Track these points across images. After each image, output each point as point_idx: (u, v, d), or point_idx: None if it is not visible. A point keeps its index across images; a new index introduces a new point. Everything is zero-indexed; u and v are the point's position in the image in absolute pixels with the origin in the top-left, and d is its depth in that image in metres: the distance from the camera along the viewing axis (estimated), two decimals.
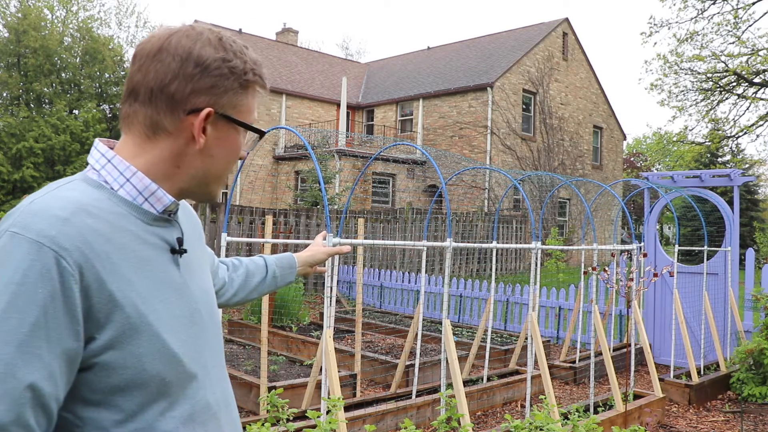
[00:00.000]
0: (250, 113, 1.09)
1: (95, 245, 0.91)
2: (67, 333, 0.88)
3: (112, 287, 0.92)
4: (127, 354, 0.93)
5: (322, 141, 20.24)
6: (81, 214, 0.92)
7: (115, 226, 0.96)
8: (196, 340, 1.06)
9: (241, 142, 1.09)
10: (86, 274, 0.89)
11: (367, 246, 4.33)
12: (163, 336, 0.97)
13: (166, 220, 1.06)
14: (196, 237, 1.21)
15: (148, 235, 1.01)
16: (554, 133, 23.20)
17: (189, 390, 1.03)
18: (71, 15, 29.04)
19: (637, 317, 5.54)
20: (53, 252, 0.87)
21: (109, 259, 0.93)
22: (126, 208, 1.00)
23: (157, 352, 0.96)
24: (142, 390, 0.96)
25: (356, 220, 12.50)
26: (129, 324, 0.93)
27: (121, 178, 1.01)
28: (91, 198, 0.96)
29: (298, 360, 6.16)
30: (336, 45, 72.41)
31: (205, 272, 1.19)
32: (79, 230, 0.90)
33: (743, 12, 18.94)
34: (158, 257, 1.02)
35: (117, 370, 0.93)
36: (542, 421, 3.56)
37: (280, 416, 3.70)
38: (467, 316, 9.42)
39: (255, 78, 1.07)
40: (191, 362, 1.03)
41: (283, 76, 24.10)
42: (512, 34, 25.57)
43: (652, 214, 7.54)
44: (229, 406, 1.15)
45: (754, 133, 20.66)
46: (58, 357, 0.87)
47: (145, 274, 0.98)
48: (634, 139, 50.82)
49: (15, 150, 22.76)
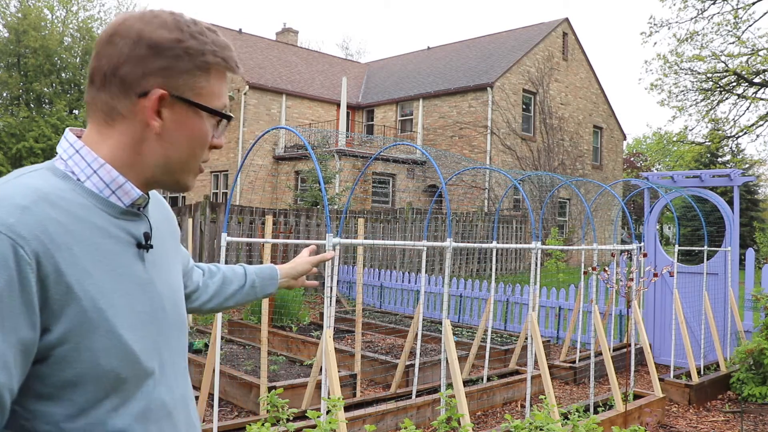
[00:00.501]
0: (215, 97, 1.05)
1: (55, 235, 0.89)
2: (23, 322, 0.85)
3: (71, 279, 0.90)
4: (81, 348, 0.91)
5: (322, 141, 20.24)
6: (42, 203, 0.90)
7: (78, 218, 0.94)
8: (155, 337, 1.03)
9: (204, 127, 1.05)
10: (44, 263, 0.87)
11: (367, 246, 4.33)
12: (120, 332, 0.95)
13: (134, 214, 1.04)
14: (169, 233, 1.19)
15: (114, 229, 0.99)
16: (554, 133, 23.21)
17: (144, 387, 1.01)
18: (71, 15, 29.04)
19: (637, 317, 5.54)
20: (10, 240, 0.84)
21: (69, 250, 0.90)
22: (91, 200, 0.97)
23: (113, 347, 0.94)
24: (95, 385, 0.93)
25: (356, 220, 12.50)
26: (85, 318, 0.91)
27: (88, 170, 0.99)
28: (54, 188, 0.94)
29: (298, 360, 6.16)
30: (336, 45, 72.49)
31: (174, 270, 1.17)
32: (38, 219, 0.88)
33: (743, 12, 18.95)
34: (123, 251, 1.00)
35: (71, 364, 0.91)
36: (542, 421, 3.56)
37: (280, 416, 3.70)
38: (467, 316, 9.42)
39: (216, 60, 1.03)
40: (148, 359, 1.01)
41: (283, 76, 24.10)
42: (512, 34, 25.58)
43: (652, 214, 7.54)
44: (187, 407, 1.12)
45: (754, 133, 20.67)
46: (12, 347, 0.84)
47: (106, 267, 0.96)
48: (634, 139, 50.86)
49: (15, 150, 22.76)
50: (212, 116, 1.05)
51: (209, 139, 1.06)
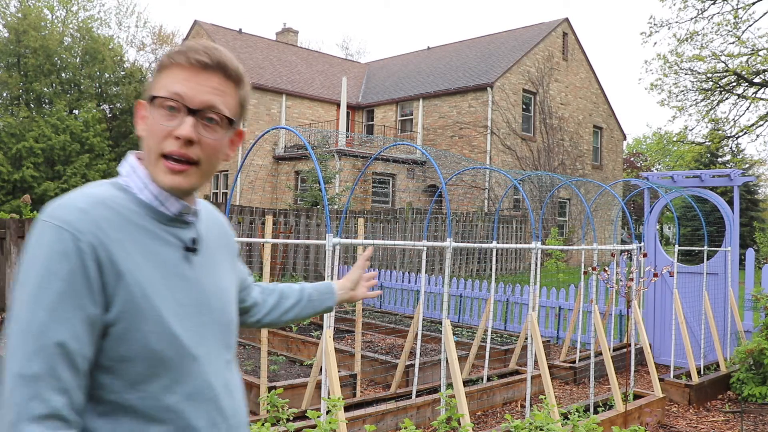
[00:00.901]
0: (161, 88, 1.15)
1: (108, 231, 1.07)
2: (88, 301, 1.03)
3: (122, 267, 1.07)
4: (132, 328, 1.07)
5: (322, 141, 20.23)
6: (98, 206, 1.09)
7: (129, 220, 1.12)
8: (201, 328, 1.17)
9: (151, 116, 1.16)
10: (99, 252, 1.05)
11: (367, 246, 4.33)
12: (165, 318, 1.10)
13: (183, 222, 1.20)
14: (222, 246, 1.34)
15: (163, 233, 1.16)
16: (554, 133, 23.20)
17: (191, 370, 1.14)
18: (71, 15, 29.04)
19: (637, 317, 5.54)
20: (71, 234, 1.04)
21: (121, 244, 1.08)
22: (144, 209, 1.15)
23: (159, 331, 1.09)
24: (145, 363, 1.08)
25: (356, 220, 12.50)
26: (135, 302, 1.07)
27: (140, 184, 1.17)
28: (112, 196, 1.13)
29: (298, 360, 6.16)
30: (336, 45, 72.40)
31: (225, 277, 1.30)
32: (94, 218, 1.07)
33: (743, 12, 18.94)
34: (171, 252, 1.16)
35: (125, 342, 1.07)
36: (542, 421, 3.56)
37: (280, 416, 3.70)
38: (467, 316, 9.42)
39: (168, 60, 1.17)
40: (193, 346, 1.15)
41: (283, 76, 24.10)
42: (512, 34, 25.57)
43: (652, 214, 7.54)
44: (232, 395, 1.24)
45: (754, 133, 20.66)
46: (81, 321, 1.02)
47: (154, 263, 1.12)
48: (634, 139, 50.85)
49: (15, 150, 22.75)
50: (157, 106, 1.15)
51: (156, 127, 1.15)
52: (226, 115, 1.17)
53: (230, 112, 1.19)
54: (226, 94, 1.17)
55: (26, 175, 22.62)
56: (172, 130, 1.13)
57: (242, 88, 1.22)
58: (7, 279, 7.23)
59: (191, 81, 1.14)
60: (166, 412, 1.11)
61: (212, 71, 1.15)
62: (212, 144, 1.17)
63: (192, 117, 1.14)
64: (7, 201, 21.99)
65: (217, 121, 1.16)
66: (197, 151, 1.15)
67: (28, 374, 0.98)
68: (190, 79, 1.14)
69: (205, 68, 1.15)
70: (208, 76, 1.15)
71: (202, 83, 1.14)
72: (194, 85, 1.14)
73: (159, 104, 1.14)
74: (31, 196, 20.43)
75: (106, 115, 27.32)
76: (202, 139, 1.15)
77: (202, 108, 1.14)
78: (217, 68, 1.16)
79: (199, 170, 1.17)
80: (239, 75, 1.20)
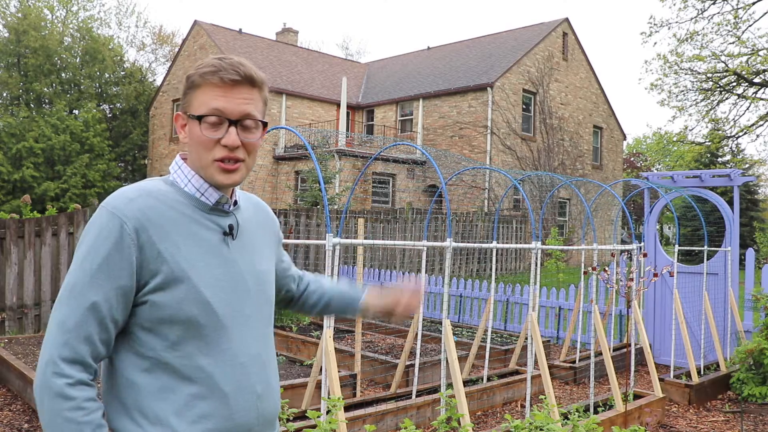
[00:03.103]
0: (201, 105, 1.36)
1: (152, 217, 1.29)
2: (124, 274, 1.26)
3: (161, 247, 1.29)
4: (169, 296, 1.28)
5: (322, 141, 20.23)
6: (145, 196, 1.31)
7: (173, 208, 1.33)
8: (235, 302, 1.37)
9: (197, 130, 1.36)
10: (141, 236, 1.27)
11: (367, 246, 4.33)
12: (199, 287, 1.30)
13: (223, 211, 1.41)
14: (264, 233, 1.54)
15: (204, 220, 1.37)
16: (554, 133, 23.20)
17: (222, 337, 1.33)
18: (71, 15, 29.04)
19: (637, 317, 5.54)
20: (119, 219, 1.27)
21: (161, 228, 1.30)
22: (188, 200, 1.37)
23: (194, 298, 1.30)
24: (181, 326, 1.29)
25: (356, 220, 12.49)
26: (173, 275, 1.29)
27: (185, 179, 1.39)
28: (159, 188, 1.35)
29: (298, 360, 6.15)
30: (336, 45, 72.36)
31: (265, 260, 1.50)
32: (139, 206, 1.29)
33: (743, 12, 18.94)
34: (210, 236, 1.37)
35: (163, 307, 1.28)
36: (542, 421, 3.56)
37: (280, 416, 3.70)
38: (467, 316, 9.42)
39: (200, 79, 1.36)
40: (225, 316, 1.34)
41: (283, 76, 24.10)
42: (512, 34, 25.56)
43: (652, 214, 7.54)
44: (264, 367, 1.41)
45: (754, 133, 20.67)
46: (114, 290, 1.26)
47: (192, 243, 1.33)
48: (634, 139, 50.81)
49: (15, 150, 22.74)
50: (207, 119, 1.35)
51: (204, 139, 1.36)
52: (259, 119, 1.40)
53: (261, 115, 1.41)
54: (255, 101, 1.39)
55: (26, 175, 22.62)
56: (219, 140, 1.36)
57: (264, 91, 1.44)
58: (7, 279, 7.23)
59: (227, 96, 1.35)
60: (198, 371, 1.30)
61: (242, 85, 1.36)
62: (252, 143, 1.39)
63: (234, 126, 1.36)
64: (7, 201, 21.99)
65: (253, 125, 1.39)
66: (242, 152, 1.38)
67: (66, 324, 1.23)
68: (225, 94, 1.35)
69: (236, 84, 1.35)
70: (239, 89, 1.36)
71: (236, 97, 1.36)
72: (230, 99, 1.35)
73: (204, 120, 1.35)
74: (31, 196, 20.41)
75: (106, 115, 27.33)
76: (244, 141, 1.37)
77: (240, 118, 1.36)
78: (246, 81, 1.37)
79: (245, 165, 1.40)
80: (262, 81, 1.41)
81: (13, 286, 7.24)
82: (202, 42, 24.25)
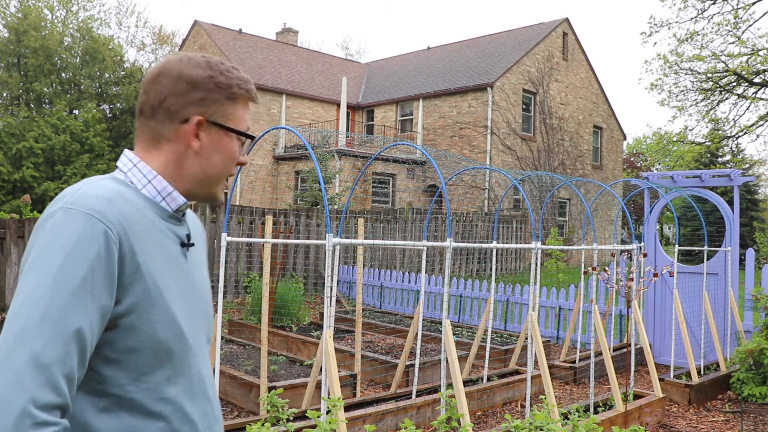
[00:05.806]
0: (240, 121, 1.27)
1: (132, 223, 1.10)
2: (105, 291, 1.04)
3: (140, 260, 1.10)
4: (143, 319, 1.09)
5: (322, 141, 20.23)
6: (119, 198, 1.11)
7: (142, 214, 1.15)
8: (195, 320, 1.23)
9: (234, 146, 1.27)
10: (123, 244, 1.08)
11: (367, 246, 4.33)
12: (172, 309, 1.14)
13: (178, 219, 1.26)
14: (200, 243, 1.39)
15: (164, 228, 1.21)
16: (554, 133, 23.20)
17: (189, 361, 1.19)
18: (71, 15, 29.04)
19: (637, 317, 5.54)
20: (101, 223, 1.05)
21: (140, 237, 1.11)
22: (147, 204, 1.19)
23: (167, 322, 1.13)
24: (152, 353, 1.11)
25: (356, 220, 12.50)
26: (148, 294, 1.10)
27: (144, 180, 1.21)
28: (121, 189, 1.15)
29: (298, 360, 6.15)
30: (336, 45, 72.37)
31: (205, 272, 1.37)
32: (120, 209, 1.09)
33: (743, 12, 18.94)
34: (172, 246, 1.21)
35: (134, 332, 1.09)
36: (542, 421, 3.56)
37: (280, 416, 3.70)
38: (467, 316, 9.42)
39: (241, 92, 1.27)
40: (191, 337, 1.19)
41: (283, 76, 24.09)
42: (512, 34, 25.56)
43: (652, 214, 7.54)
44: (212, 386, 1.29)
45: (754, 133, 20.66)
46: (97, 310, 1.03)
47: (163, 256, 1.17)
48: (634, 139, 50.82)
49: (15, 150, 22.74)
50: (238, 137, 1.28)
51: (235, 156, 1.28)
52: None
53: None
54: None
55: (26, 175, 22.61)
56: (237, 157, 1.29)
57: None
58: (7, 279, 7.23)
59: (248, 113, 1.31)
60: (165, 404, 1.13)
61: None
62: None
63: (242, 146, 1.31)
64: (7, 201, 21.99)
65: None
66: None
67: (41, 360, 0.95)
68: (248, 111, 1.31)
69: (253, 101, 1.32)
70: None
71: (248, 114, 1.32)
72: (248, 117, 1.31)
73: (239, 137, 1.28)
74: (31, 196, 20.43)
75: (106, 115, 27.33)
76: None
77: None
78: None
79: None
80: None
81: (13, 286, 7.25)
82: (202, 42, 24.26)
